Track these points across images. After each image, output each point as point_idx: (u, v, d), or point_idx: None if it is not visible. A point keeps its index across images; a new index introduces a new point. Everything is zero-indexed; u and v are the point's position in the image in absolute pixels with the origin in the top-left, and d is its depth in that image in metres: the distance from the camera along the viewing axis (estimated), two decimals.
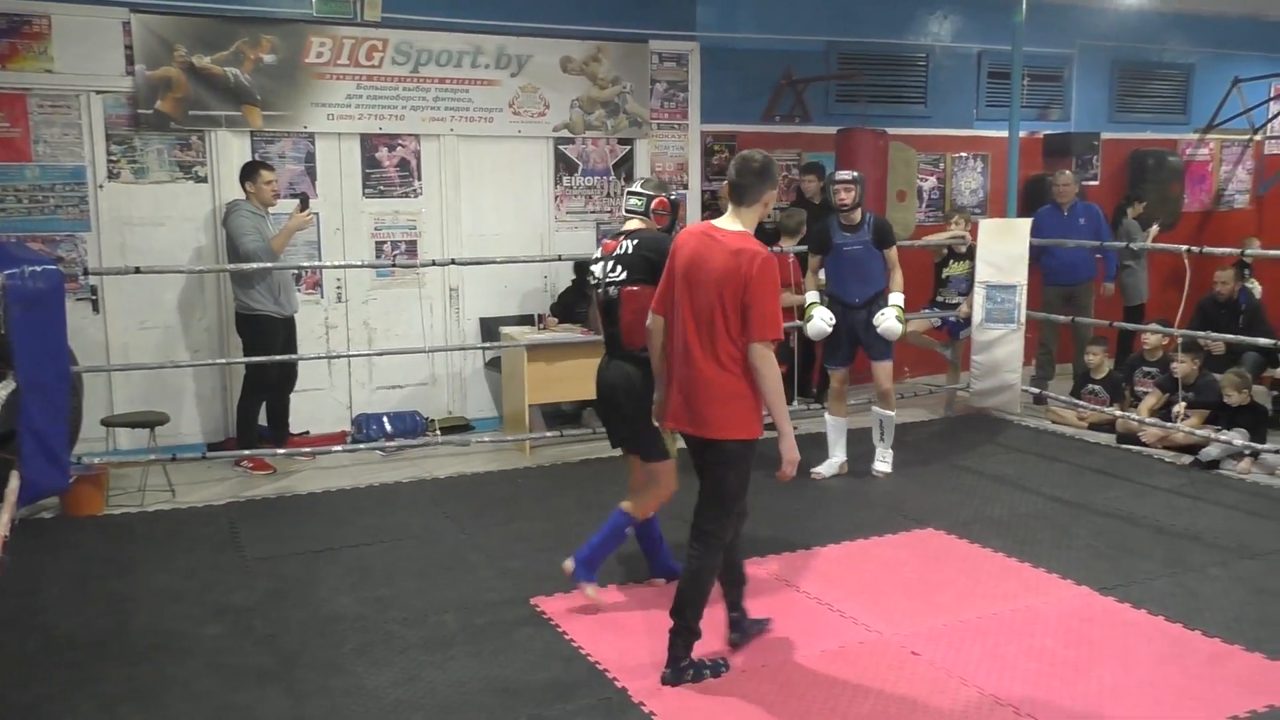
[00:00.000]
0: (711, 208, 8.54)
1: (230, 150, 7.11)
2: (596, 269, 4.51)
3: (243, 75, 7.06)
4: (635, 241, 4.37)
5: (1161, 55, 10.47)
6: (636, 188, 4.60)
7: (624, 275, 4.33)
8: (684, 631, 3.80)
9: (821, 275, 6.60)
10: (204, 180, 7.11)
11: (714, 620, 4.07)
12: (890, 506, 5.85)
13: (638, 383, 4.30)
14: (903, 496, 6.05)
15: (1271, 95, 10.91)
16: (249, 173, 6.67)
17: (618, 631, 4.24)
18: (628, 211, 4.56)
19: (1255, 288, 8.85)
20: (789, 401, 5.05)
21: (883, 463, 6.52)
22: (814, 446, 6.47)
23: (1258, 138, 11.11)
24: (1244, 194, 11.30)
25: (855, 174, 6.28)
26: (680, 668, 3.81)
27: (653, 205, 4.53)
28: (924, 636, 4.18)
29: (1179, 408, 6.90)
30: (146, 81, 6.83)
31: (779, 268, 7.04)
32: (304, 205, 6.72)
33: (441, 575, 4.91)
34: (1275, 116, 11.05)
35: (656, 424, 4.11)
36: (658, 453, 4.40)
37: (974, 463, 6.77)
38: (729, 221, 3.77)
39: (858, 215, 6.23)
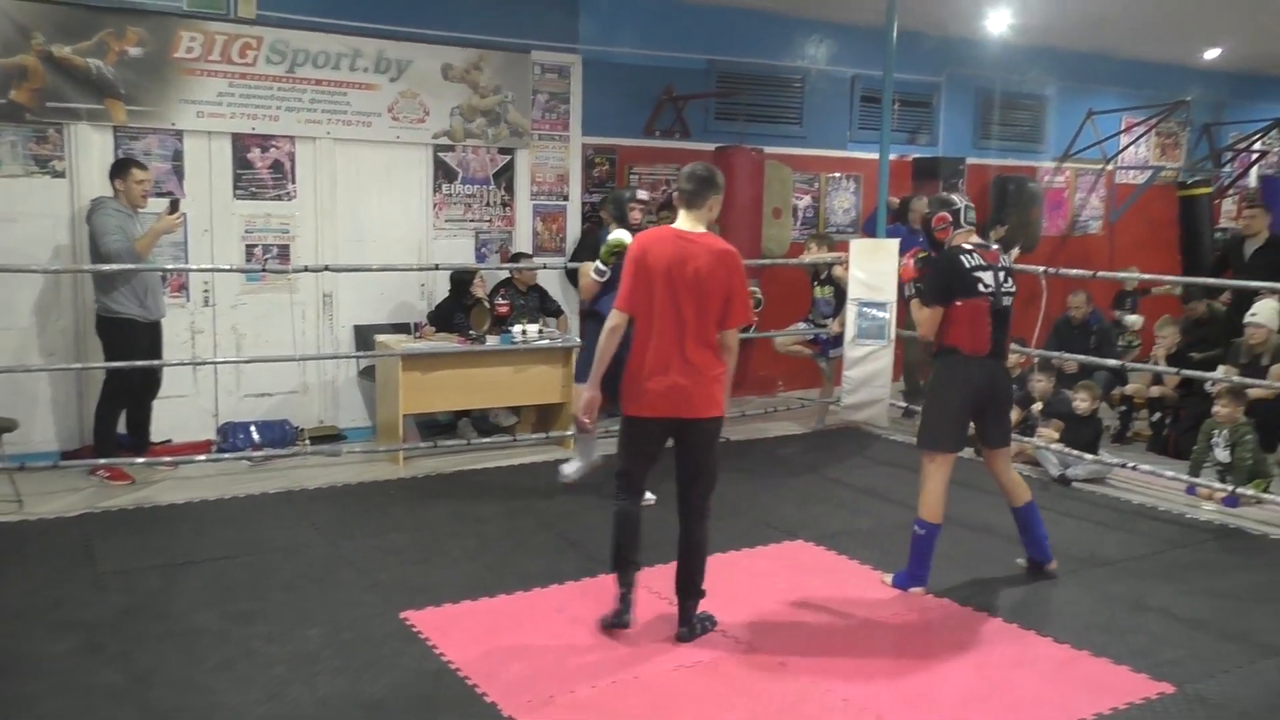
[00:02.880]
0: (592, 219, 8.56)
1: (91, 145, 6.82)
2: (987, 276, 4.76)
3: (106, 67, 6.77)
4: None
5: (1022, 86, 10.96)
6: (969, 202, 4.96)
7: (1015, 287, 4.84)
8: (697, 594, 4.32)
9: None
10: (62, 175, 6.79)
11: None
12: (760, 519, 5.95)
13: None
14: (773, 509, 6.16)
15: (1122, 128, 11.53)
16: (120, 170, 6.41)
17: (489, 646, 4.21)
18: (968, 224, 4.89)
19: (1136, 320, 9.25)
20: None
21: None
22: None
23: (1109, 167, 11.73)
24: (1097, 220, 11.91)
25: (651, 195, 6.34)
26: (692, 623, 4.31)
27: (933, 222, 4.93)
28: (792, 646, 4.26)
29: (1045, 430, 7.19)
30: (1, 70, 6.49)
31: None
32: (173, 208, 6.46)
33: (308, 589, 4.79)
34: (1125, 148, 11.67)
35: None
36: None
37: (843, 475, 6.95)
38: (691, 226, 4.22)
39: None
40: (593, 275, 5.77)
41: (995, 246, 4.98)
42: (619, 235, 5.72)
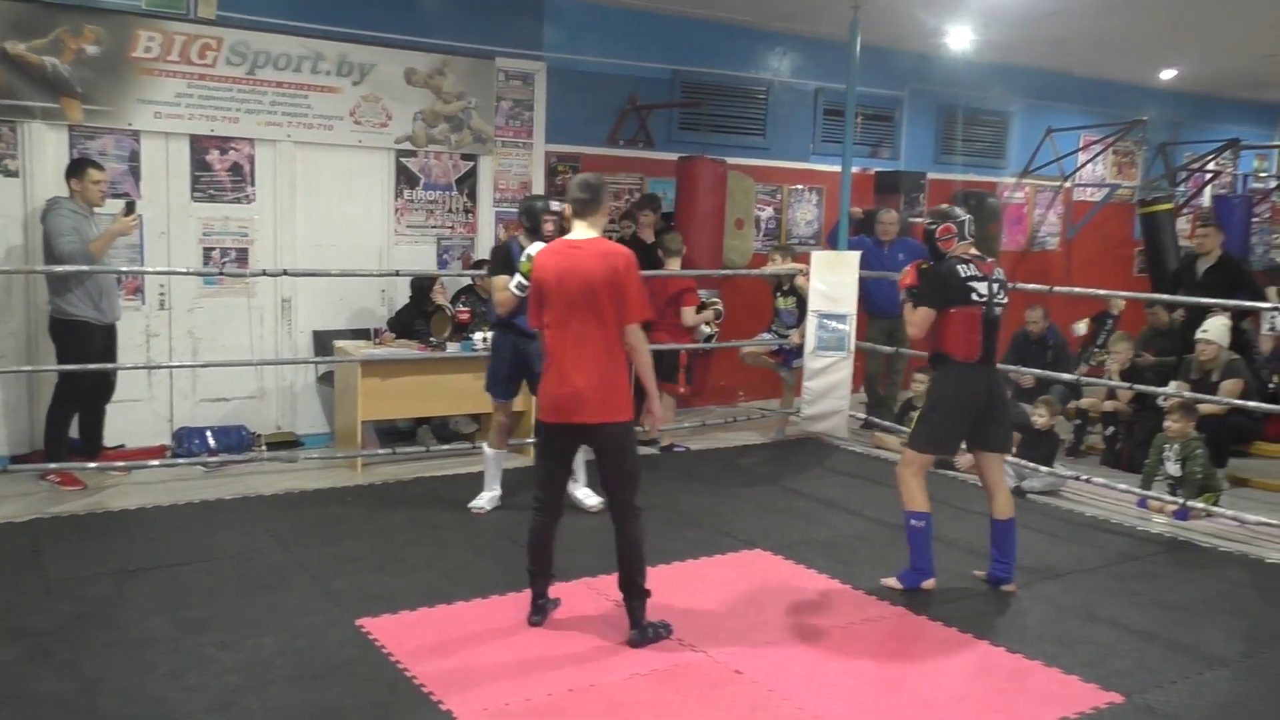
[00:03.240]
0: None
1: (45, 144, 6.72)
2: (981, 286, 4.95)
3: (62, 65, 6.68)
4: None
5: (983, 102, 11.10)
6: (970, 215, 5.22)
7: (1006, 298, 5.05)
8: (640, 594, 4.32)
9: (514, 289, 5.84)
10: (15, 175, 6.69)
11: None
12: (719, 528, 5.96)
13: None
14: (732, 518, 6.18)
15: (1080, 146, 11.71)
16: (76, 170, 6.32)
17: (446, 654, 4.18)
18: (970, 236, 5.14)
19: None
20: None
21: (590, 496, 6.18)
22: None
23: (1067, 184, 11.90)
24: (1055, 236, 12.07)
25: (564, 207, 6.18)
26: (643, 627, 4.32)
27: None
28: (748, 655, 4.27)
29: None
30: None
31: (684, 288, 7.45)
32: (129, 210, 6.37)
33: (262, 596, 4.74)
34: (1083, 166, 11.85)
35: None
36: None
37: (802, 485, 6.98)
38: (582, 234, 4.35)
39: None
40: (513, 289, 5.58)
41: (991, 259, 5.16)
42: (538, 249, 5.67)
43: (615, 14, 8.77)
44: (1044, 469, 6.93)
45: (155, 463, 6.66)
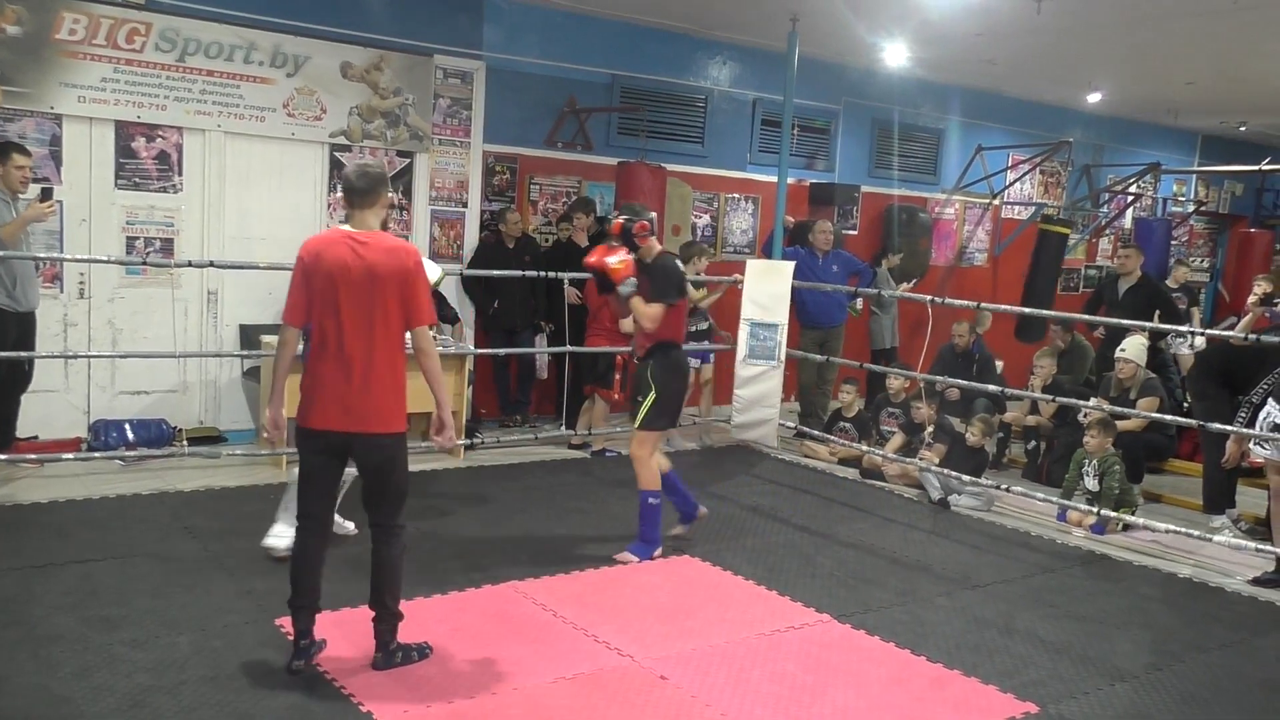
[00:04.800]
0: (490, 227, 8.51)
1: None
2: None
3: None
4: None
5: (916, 118, 11.28)
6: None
7: None
8: (390, 617, 4.03)
9: None
10: None
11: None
12: None
13: None
14: (662, 524, 6.17)
15: (1009, 164, 11.96)
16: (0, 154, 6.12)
17: (364, 655, 4.11)
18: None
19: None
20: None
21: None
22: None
23: (996, 202, 12.14)
24: (983, 253, 12.31)
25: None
26: (390, 651, 4.03)
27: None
28: (673, 661, 4.27)
29: (927, 453, 7.36)
30: None
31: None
32: (46, 196, 6.18)
33: (178, 594, 4.62)
34: (1011, 184, 12.11)
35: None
36: None
37: (731, 492, 7.01)
38: (361, 226, 3.97)
39: None
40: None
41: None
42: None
43: (555, 16, 8.75)
44: (967, 479, 7.02)
45: (70, 456, 6.46)
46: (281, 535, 5.00)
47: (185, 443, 7.12)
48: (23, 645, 4.02)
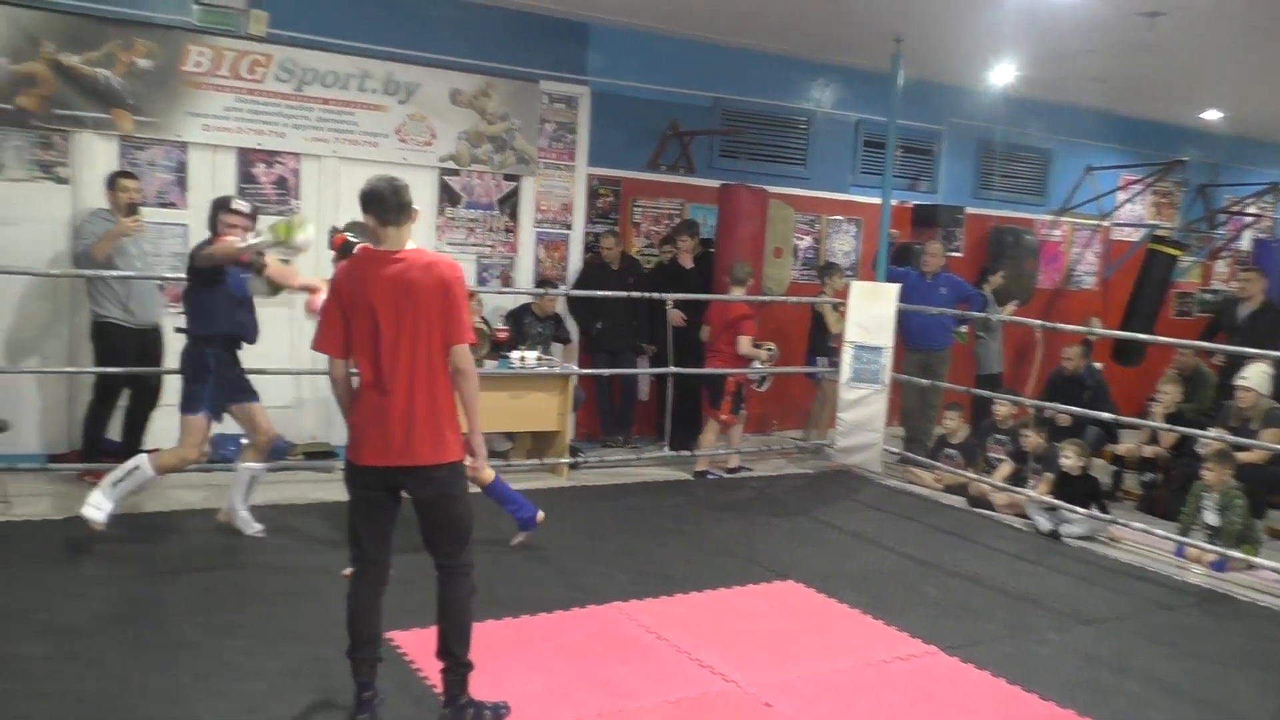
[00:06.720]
0: (593, 249, 8.60)
1: (95, 153, 6.83)
2: None
3: (114, 77, 6.80)
4: None
5: (1022, 138, 11.06)
6: None
7: None
8: (458, 668, 3.75)
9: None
10: (65, 182, 6.80)
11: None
12: (750, 558, 5.93)
13: None
14: (763, 548, 6.14)
15: (1120, 185, 11.64)
16: (110, 180, 6.45)
17: (472, 672, 4.16)
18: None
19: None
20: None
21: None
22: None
23: (1106, 224, 11.82)
24: (1091, 275, 11.99)
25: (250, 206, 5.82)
26: (460, 706, 3.74)
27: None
28: (778, 688, 4.23)
29: (1039, 485, 7.16)
30: (9, 75, 6.52)
31: (743, 315, 7.54)
32: (131, 211, 6.35)
33: (292, 604, 4.76)
34: (1122, 205, 11.77)
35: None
36: None
37: (834, 518, 6.94)
38: (396, 244, 3.68)
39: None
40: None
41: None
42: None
43: (658, 41, 8.83)
44: (1080, 511, 6.82)
45: (190, 468, 6.69)
46: (99, 506, 5.27)
47: (300, 457, 7.32)
48: (148, 649, 4.18)
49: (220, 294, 5.46)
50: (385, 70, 7.64)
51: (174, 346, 7.01)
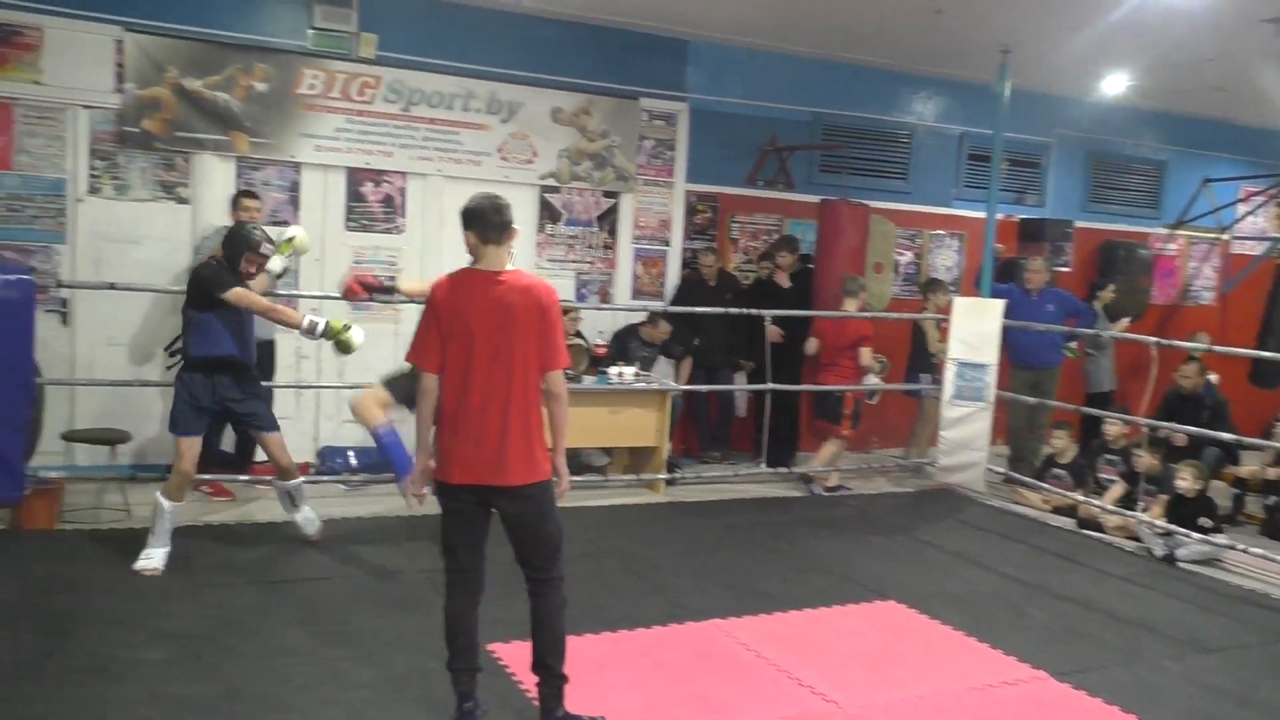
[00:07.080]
0: (691, 265, 8.61)
1: (214, 174, 7.10)
2: None
3: (233, 101, 7.07)
4: None
5: (1135, 150, 10.73)
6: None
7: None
8: (554, 679, 3.77)
9: None
10: (185, 201, 7.09)
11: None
12: (850, 577, 5.84)
13: None
14: (863, 567, 6.05)
15: (1239, 197, 11.18)
16: (234, 200, 6.69)
17: (571, 686, 4.15)
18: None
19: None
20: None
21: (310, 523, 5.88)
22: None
23: (1225, 237, 11.37)
24: (1210, 291, 11.54)
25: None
26: (557, 718, 3.76)
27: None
28: (879, 710, 4.16)
29: (1153, 508, 6.91)
30: (135, 100, 6.83)
31: (864, 334, 7.64)
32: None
33: (398, 615, 4.85)
34: (1242, 218, 11.31)
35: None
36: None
37: (935, 538, 6.80)
38: (496, 263, 3.72)
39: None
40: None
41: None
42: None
43: (756, 56, 8.81)
44: (1195, 536, 6.55)
45: (300, 479, 6.88)
46: (149, 557, 5.26)
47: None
48: (258, 656, 4.30)
49: (223, 317, 5.49)
50: (488, 90, 7.79)
51: (285, 360, 7.29)
